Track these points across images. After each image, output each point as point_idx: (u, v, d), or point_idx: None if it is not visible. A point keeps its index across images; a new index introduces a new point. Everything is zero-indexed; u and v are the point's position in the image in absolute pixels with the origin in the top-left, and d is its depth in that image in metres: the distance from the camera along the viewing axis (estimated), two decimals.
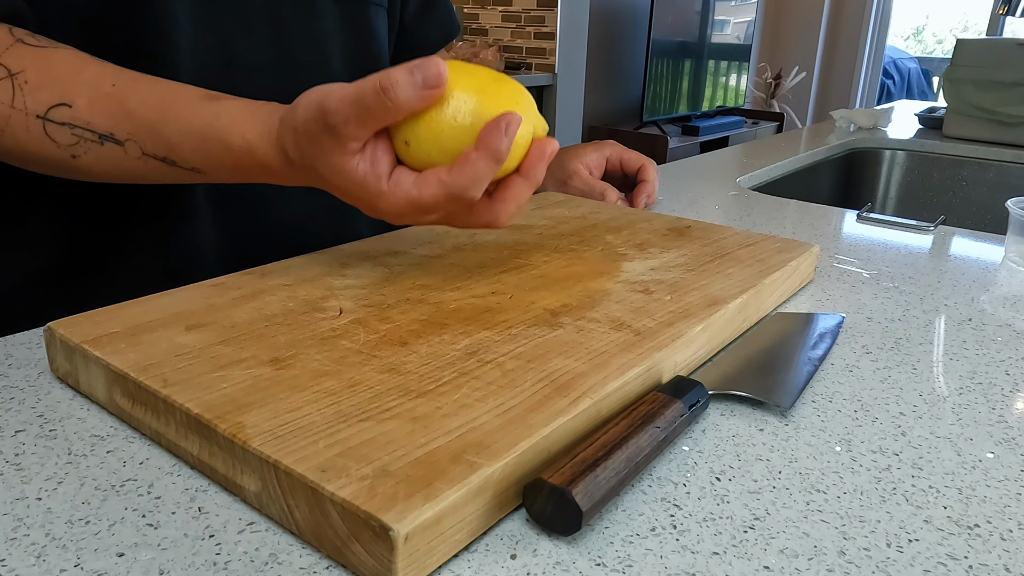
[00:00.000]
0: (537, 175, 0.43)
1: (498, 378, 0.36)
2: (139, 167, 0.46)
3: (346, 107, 0.38)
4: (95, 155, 0.45)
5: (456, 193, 0.40)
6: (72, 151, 0.45)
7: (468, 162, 0.39)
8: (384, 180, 0.41)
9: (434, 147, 0.41)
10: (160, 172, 0.46)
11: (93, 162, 0.46)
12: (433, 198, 0.40)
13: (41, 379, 0.40)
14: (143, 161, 0.45)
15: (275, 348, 0.38)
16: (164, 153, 0.45)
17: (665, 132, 3.46)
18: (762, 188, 1.07)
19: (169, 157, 0.45)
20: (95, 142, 0.45)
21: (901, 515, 0.32)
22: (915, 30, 7.60)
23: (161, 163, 0.45)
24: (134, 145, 0.45)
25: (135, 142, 0.45)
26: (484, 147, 0.39)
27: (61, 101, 0.44)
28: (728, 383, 0.41)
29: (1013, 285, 0.62)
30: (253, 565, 0.28)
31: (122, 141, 0.45)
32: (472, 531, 0.29)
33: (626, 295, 0.46)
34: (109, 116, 0.45)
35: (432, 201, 0.40)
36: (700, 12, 3.63)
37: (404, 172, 0.41)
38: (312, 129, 0.40)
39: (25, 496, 0.31)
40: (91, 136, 0.45)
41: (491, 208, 0.43)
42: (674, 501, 0.32)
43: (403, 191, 0.40)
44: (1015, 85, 1.32)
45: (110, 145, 0.45)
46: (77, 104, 0.44)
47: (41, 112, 0.44)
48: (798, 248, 0.57)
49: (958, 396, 0.42)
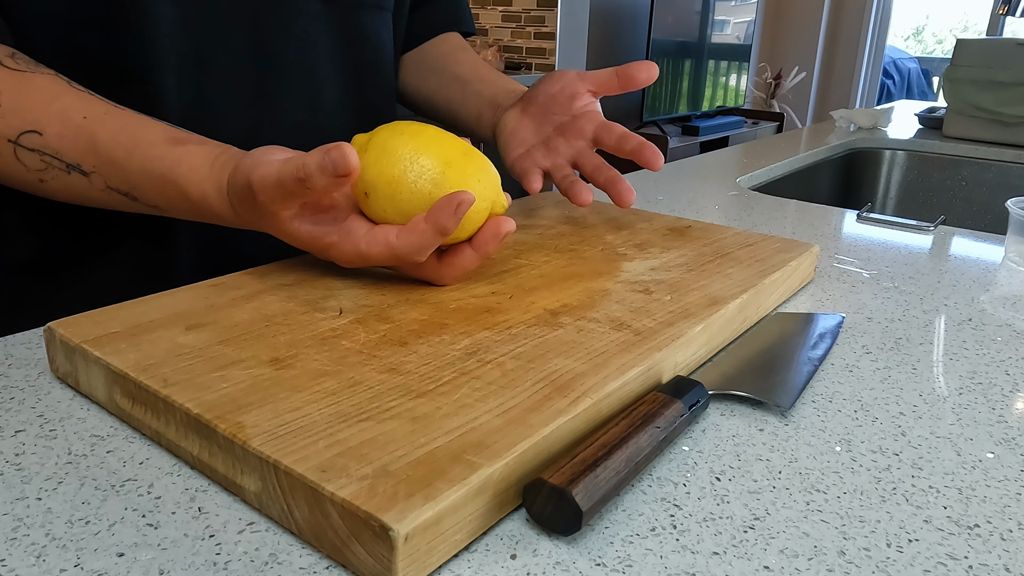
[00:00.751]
0: (487, 250, 0.45)
1: (498, 378, 0.36)
2: (103, 198, 0.48)
3: (270, 187, 0.41)
4: (62, 183, 0.47)
5: (400, 255, 0.43)
6: (40, 176, 0.47)
7: (415, 231, 0.42)
8: (332, 232, 0.44)
9: (390, 205, 0.44)
10: (123, 204, 0.49)
11: (60, 188, 0.48)
12: (380, 255, 0.43)
13: (41, 379, 0.40)
14: (107, 193, 0.48)
15: (275, 348, 0.38)
16: (127, 189, 0.47)
17: (665, 132, 3.46)
18: (762, 188, 1.07)
19: (131, 193, 0.48)
20: (62, 170, 0.47)
21: (901, 515, 0.32)
22: (915, 30, 7.61)
23: (124, 197, 0.48)
24: (99, 178, 0.47)
25: (100, 175, 0.47)
26: (433, 220, 0.42)
27: (32, 128, 0.46)
28: (728, 383, 0.41)
29: (1013, 285, 0.62)
30: (253, 565, 0.28)
31: (88, 173, 0.47)
32: (472, 531, 0.29)
33: (626, 295, 0.46)
34: (76, 148, 0.46)
35: (379, 257, 0.44)
36: (700, 12, 3.63)
37: (357, 223, 0.44)
38: (247, 201, 0.43)
39: (25, 496, 0.31)
40: (59, 164, 0.47)
41: (438, 268, 0.46)
42: (674, 501, 0.32)
43: (351, 243, 0.43)
44: (1015, 85, 1.32)
45: (76, 175, 0.47)
46: (48, 132, 0.46)
47: (12, 136, 0.46)
48: (798, 248, 0.57)
49: (958, 396, 0.42)
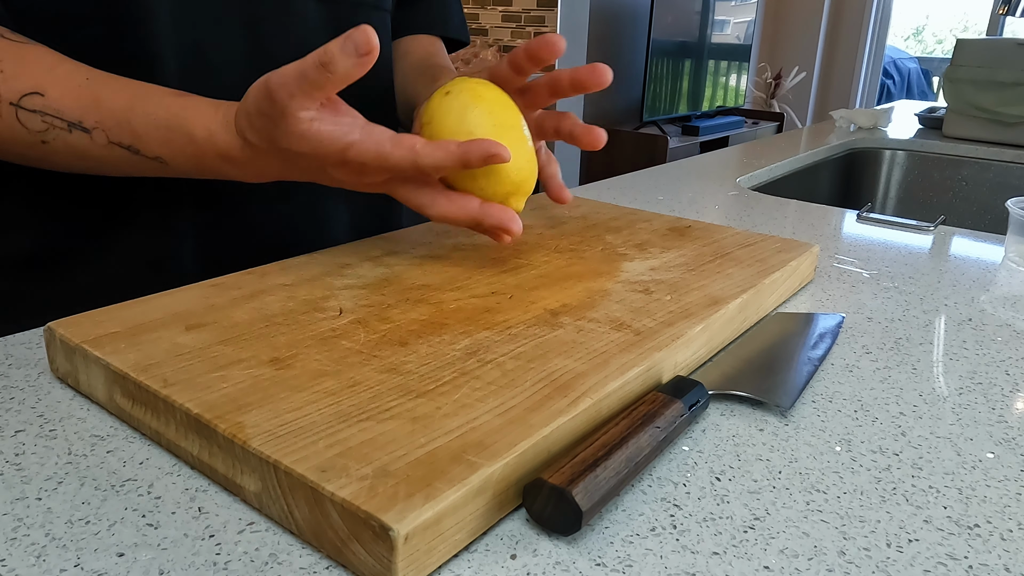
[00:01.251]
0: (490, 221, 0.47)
1: (498, 378, 0.36)
2: (105, 155, 0.47)
3: (291, 81, 0.41)
4: (63, 142, 0.47)
5: (420, 164, 0.43)
6: (42, 137, 0.47)
7: (443, 148, 0.43)
8: (354, 130, 0.43)
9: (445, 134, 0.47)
10: (125, 160, 0.48)
11: (61, 149, 0.47)
12: (401, 158, 0.43)
13: (41, 379, 0.40)
14: (108, 149, 0.47)
15: (275, 348, 0.38)
16: (129, 141, 0.47)
17: (665, 132, 3.46)
18: (762, 188, 1.07)
19: (134, 146, 0.47)
20: (64, 130, 0.46)
21: (901, 515, 0.32)
22: (915, 30, 7.61)
23: (126, 151, 0.47)
24: (101, 133, 0.47)
25: (102, 131, 0.47)
26: (464, 148, 0.43)
27: (34, 90, 0.46)
28: (728, 383, 0.41)
29: (1013, 285, 0.62)
30: (253, 565, 0.28)
31: (90, 129, 0.47)
32: (472, 531, 0.29)
33: (626, 295, 0.46)
34: (79, 105, 0.47)
35: (399, 160, 0.43)
36: (700, 12, 3.63)
37: (380, 127, 0.44)
38: (263, 107, 0.43)
39: (25, 496, 0.31)
40: (60, 124, 0.46)
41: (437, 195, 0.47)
42: (674, 501, 0.32)
43: (374, 142, 0.43)
44: (1015, 85, 1.32)
45: (78, 133, 0.47)
46: (50, 94, 0.46)
47: (14, 99, 0.46)
48: (798, 248, 0.57)
49: (958, 396, 0.42)
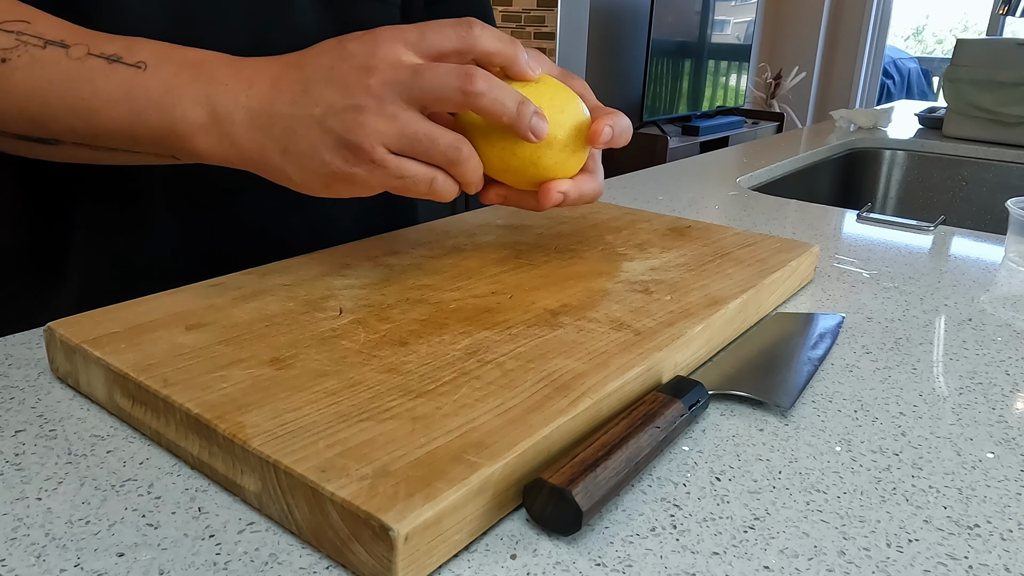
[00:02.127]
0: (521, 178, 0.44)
1: (498, 378, 0.36)
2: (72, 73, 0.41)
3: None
4: (29, 58, 0.41)
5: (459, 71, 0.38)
6: (4, 55, 0.41)
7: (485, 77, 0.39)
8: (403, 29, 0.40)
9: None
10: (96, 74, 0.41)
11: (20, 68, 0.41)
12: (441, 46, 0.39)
13: (41, 379, 0.40)
14: (81, 63, 0.41)
15: (275, 348, 0.38)
16: (114, 51, 0.41)
17: (665, 132, 3.46)
18: (762, 188, 1.07)
19: (117, 54, 0.41)
20: (38, 46, 0.41)
21: (901, 515, 0.32)
22: (915, 30, 7.61)
23: (102, 61, 0.41)
24: (81, 47, 0.41)
25: (84, 45, 0.41)
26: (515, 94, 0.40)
27: (20, 18, 0.42)
28: (728, 383, 0.41)
29: (1013, 285, 0.62)
30: (253, 565, 0.28)
31: (69, 45, 0.41)
32: (472, 531, 0.29)
33: (626, 295, 0.46)
34: (65, 31, 0.42)
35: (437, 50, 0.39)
36: (700, 12, 3.63)
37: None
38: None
39: (25, 496, 0.31)
40: (35, 41, 0.41)
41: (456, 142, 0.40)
42: (674, 501, 0.32)
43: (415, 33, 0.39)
44: (1015, 85, 1.32)
45: (52, 48, 0.41)
46: (37, 22, 0.42)
47: None
48: (798, 248, 0.57)
49: (958, 396, 0.42)
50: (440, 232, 0.58)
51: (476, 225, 0.61)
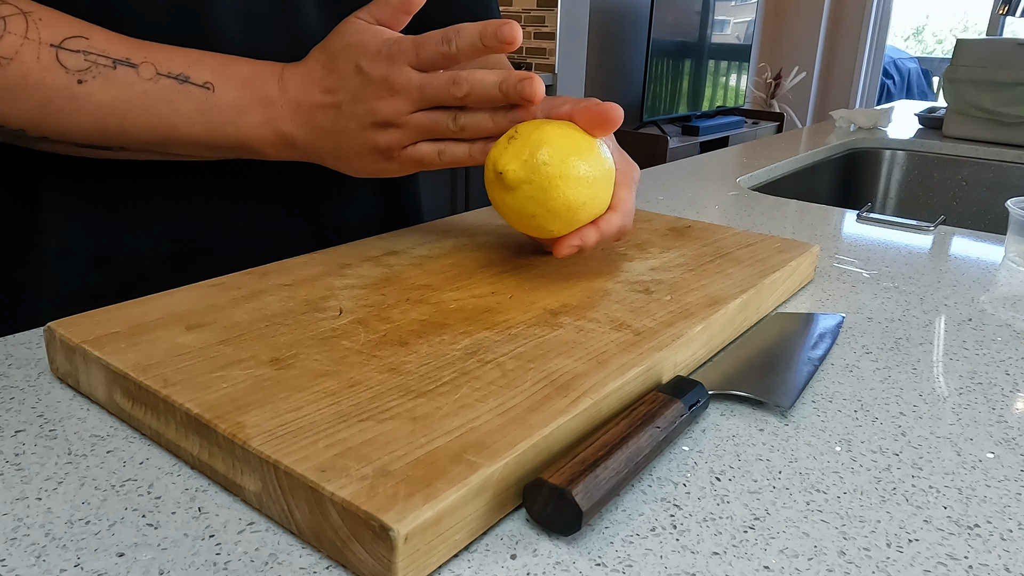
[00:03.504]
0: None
1: (498, 378, 0.36)
2: (148, 92, 0.46)
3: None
4: (104, 79, 0.45)
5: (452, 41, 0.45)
6: (80, 76, 0.45)
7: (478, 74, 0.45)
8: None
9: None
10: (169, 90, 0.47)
11: (97, 89, 0.45)
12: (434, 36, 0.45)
13: (41, 379, 0.40)
14: (154, 81, 0.46)
15: (275, 348, 0.38)
16: (180, 70, 0.47)
17: (665, 132, 3.46)
18: (762, 188, 1.07)
19: (184, 73, 0.47)
20: (108, 66, 0.45)
21: (901, 515, 0.32)
22: (915, 30, 7.60)
23: (173, 81, 0.46)
24: (149, 67, 0.46)
25: (150, 64, 0.46)
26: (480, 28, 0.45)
27: (78, 34, 0.45)
28: (728, 383, 0.41)
29: (1013, 285, 0.62)
30: (253, 565, 0.28)
31: (137, 64, 0.46)
32: (472, 531, 0.29)
33: (626, 295, 0.46)
34: (126, 47, 0.46)
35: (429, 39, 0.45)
36: (700, 12, 3.63)
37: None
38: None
39: (25, 496, 0.31)
40: (105, 61, 0.45)
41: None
42: (674, 501, 0.32)
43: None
44: (1015, 85, 1.32)
45: (123, 68, 0.45)
46: (94, 37, 0.45)
47: (56, 42, 0.44)
48: (798, 248, 0.57)
49: (958, 396, 0.42)
50: (440, 232, 0.58)
51: (476, 225, 0.61)
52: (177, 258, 0.57)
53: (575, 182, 0.44)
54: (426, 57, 0.45)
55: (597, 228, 0.47)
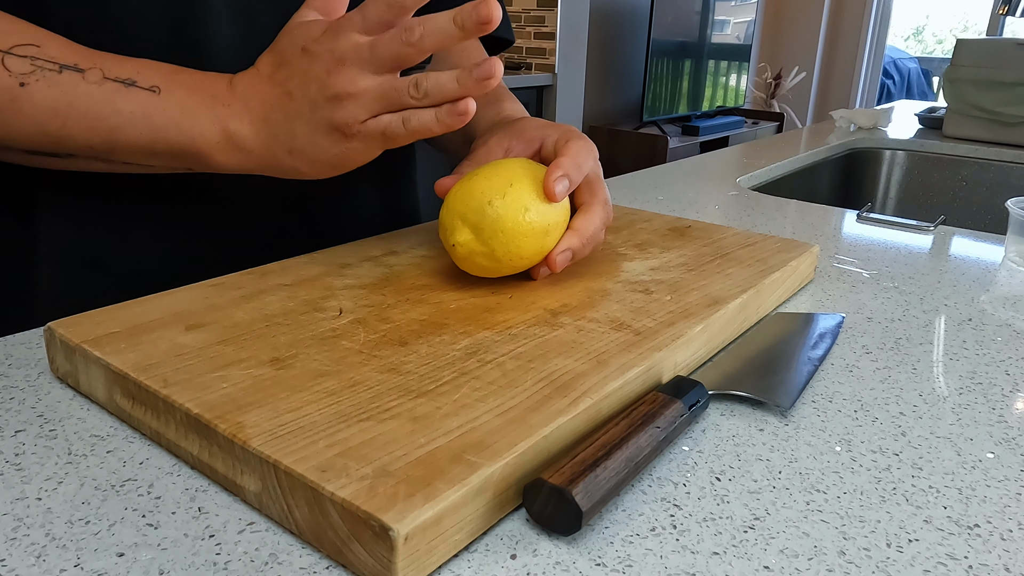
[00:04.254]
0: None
1: (498, 378, 0.36)
2: (92, 94, 0.45)
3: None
4: (47, 82, 0.44)
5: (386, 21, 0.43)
6: (23, 79, 0.44)
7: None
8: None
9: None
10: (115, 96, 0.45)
11: (39, 91, 0.44)
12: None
13: (41, 379, 0.40)
14: (99, 86, 0.45)
15: (275, 348, 0.38)
16: (127, 76, 0.45)
17: (665, 132, 3.46)
18: (762, 188, 1.07)
19: (132, 78, 0.45)
20: (53, 71, 0.44)
21: (901, 515, 0.32)
22: (915, 30, 7.61)
23: (119, 84, 0.45)
24: (96, 72, 0.45)
25: (98, 69, 0.45)
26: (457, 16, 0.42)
27: (29, 42, 0.44)
28: (728, 383, 0.41)
29: (1013, 285, 0.62)
30: (253, 565, 0.28)
31: (84, 69, 0.45)
32: (472, 531, 0.29)
33: (626, 295, 0.46)
34: (77, 54, 0.45)
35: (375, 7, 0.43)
36: (700, 12, 3.63)
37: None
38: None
39: (25, 496, 0.31)
40: (51, 66, 0.44)
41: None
42: (674, 501, 0.32)
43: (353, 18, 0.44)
44: (1015, 85, 1.32)
45: (69, 73, 0.44)
46: (47, 46, 0.44)
47: (5, 48, 0.44)
48: (798, 248, 0.57)
49: (958, 396, 0.42)
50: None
51: None
52: (174, 260, 0.56)
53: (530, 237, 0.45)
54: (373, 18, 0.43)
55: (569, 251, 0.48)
